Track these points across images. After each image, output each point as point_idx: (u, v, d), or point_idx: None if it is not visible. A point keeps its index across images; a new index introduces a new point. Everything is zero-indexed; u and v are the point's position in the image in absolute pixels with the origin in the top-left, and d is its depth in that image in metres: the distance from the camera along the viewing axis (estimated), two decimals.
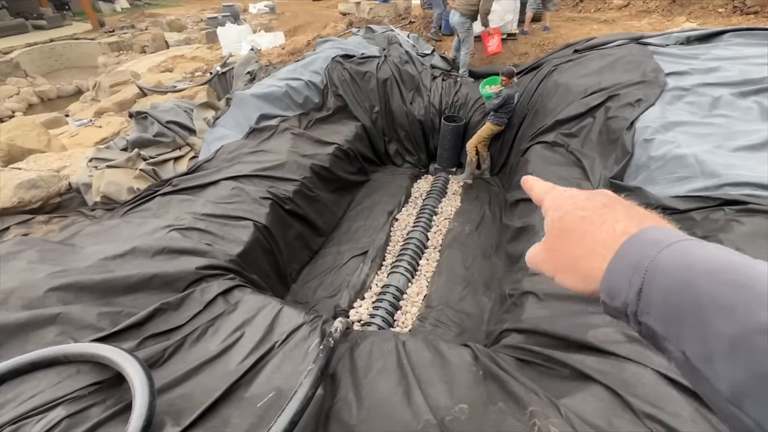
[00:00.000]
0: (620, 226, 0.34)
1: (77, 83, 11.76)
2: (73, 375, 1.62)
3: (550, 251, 0.41)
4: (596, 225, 0.36)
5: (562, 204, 0.42)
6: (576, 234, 0.37)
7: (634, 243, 0.32)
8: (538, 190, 0.49)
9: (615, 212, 0.36)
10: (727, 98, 3.15)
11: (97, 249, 2.48)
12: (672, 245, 0.30)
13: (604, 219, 0.36)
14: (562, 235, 0.39)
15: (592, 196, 0.41)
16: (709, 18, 6.03)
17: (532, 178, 0.53)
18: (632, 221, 0.35)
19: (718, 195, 2.22)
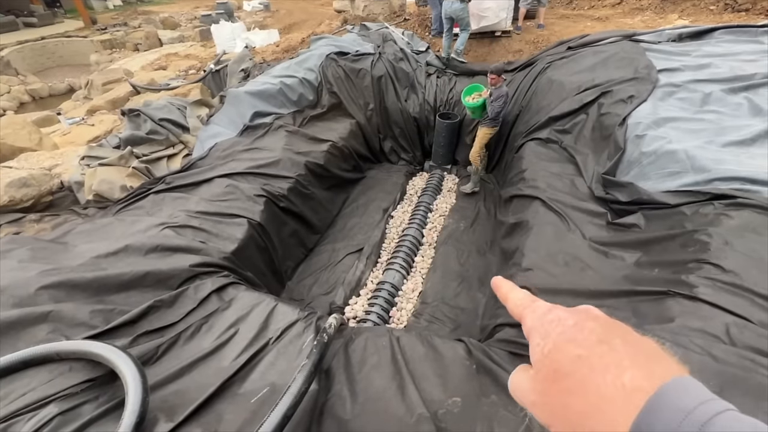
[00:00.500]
0: (628, 378, 0.29)
1: (69, 81, 11.64)
2: (65, 372, 1.61)
3: (543, 396, 0.34)
4: (597, 371, 0.30)
5: (548, 330, 0.36)
6: (574, 381, 0.31)
7: (658, 413, 0.27)
8: (515, 302, 0.42)
9: (614, 352, 0.31)
10: (717, 94, 3.18)
11: (89, 247, 2.46)
12: (711, 422, 0.25)
13: (606, 363, 0.30)
14: (556, 378, 0.33)
15: (581, 322, 0.35)
16: (701, 15, 6.08)
17: (505, 283, 0.46)
18: (639, 369, 0.29)
19: (708, 189, 2.25)
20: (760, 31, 4.06)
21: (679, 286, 1.72)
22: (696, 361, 1.36)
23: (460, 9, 5.12)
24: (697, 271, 1.76)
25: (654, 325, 1.59)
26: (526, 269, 2.59)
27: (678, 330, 1.51)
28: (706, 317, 1.52)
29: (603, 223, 2.75)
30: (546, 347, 0.34)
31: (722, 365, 1.32)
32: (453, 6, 5.11)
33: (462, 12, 5.16)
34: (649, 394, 0.27)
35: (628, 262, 2.27)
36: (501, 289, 0.45)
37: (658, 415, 0.26)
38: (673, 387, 0.27)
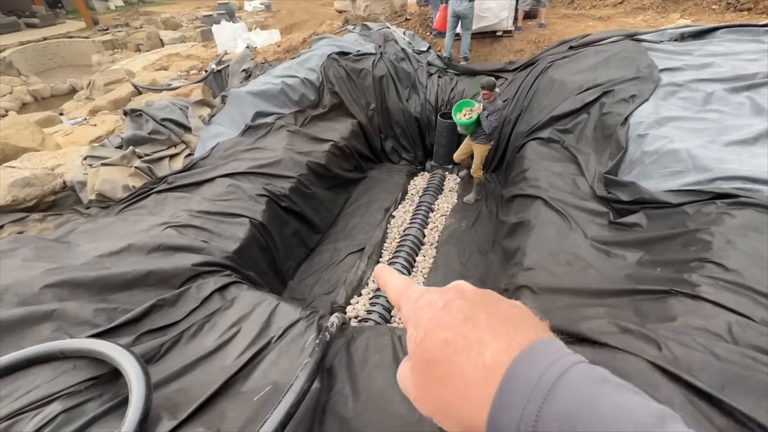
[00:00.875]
0: (489, 354, 0.28)
1: (71, 82, 11.68)
2: (69, 370, 1.62)
3: (421, 389, 0.32)
4: (461, 353, 0.29)
5: (419, 318, 0.34)
6: (443, 367, 0.30)
7: (510, 389, 0.26)
8: (393, 290, 0.40)
9: (478, 328, 0.30)
10: (719, 93, 3.18)
11: (92, 246, 2.47)
12: (555, 391, 0.25)
13: (469, 342, 0.29)
14: (429, 368, 0.31)
15: (449, 301, 0.33)
16: (703, 14, 6.07)
17: (384, 270, 0.43)
18: (499, 342, 0.28)
19: (710, 189, 2.25)
20: (762, 30, 4.06)
21: (681, 285, 1.72)
22: (698, 359, 1.36)
23: (469, 8, 5.23)
24: (699, 270, 1.76)
25: (656, 323, 1.59)
26: (527, 269, 2.59)
27: (680, 329, 1.51)
28: (708, 316, 1.52)
29: (605, 223, 2.75)
30: (418, 337, 0.33)
31: (725, 363, 1.32)
32: (462, 5, 5.21)
33: (469, 11, 5.25)
34: (506, 368, 0.27)
35: (630, 261, 2.27)
36: (380, 277, 0.43)
37: (509, 390, 0.26)
38: (526, 355, 0.27)
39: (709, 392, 1.23)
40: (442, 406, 0.30)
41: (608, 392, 0.25)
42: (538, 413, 0.24)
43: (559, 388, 0.25)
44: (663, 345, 1.43)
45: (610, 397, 0.24)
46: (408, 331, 0.35)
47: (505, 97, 4.89)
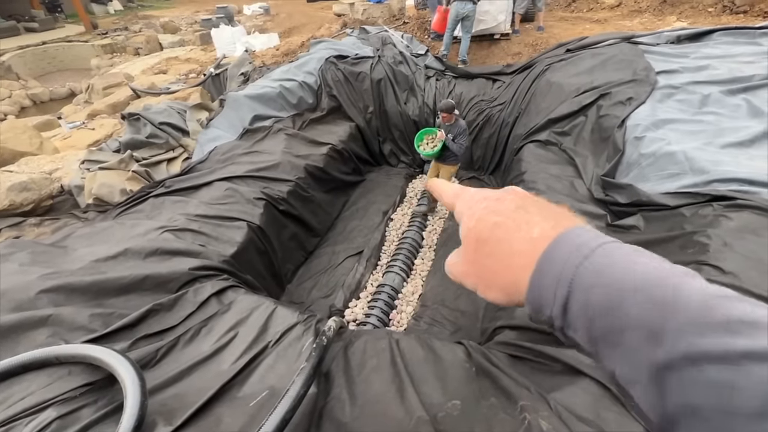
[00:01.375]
0: (537, 230, 0.32)
1: (70, 86, 11.71)
2: (64, 376, 1.61)
3: (469, 264, 0.37)
4: (511, 231, 0.34)
5: (474, 209, 0.38)
6: (492, 244, 0.34)
7: (555, 251, 0.30)
8: (449, 193, 0.45)
9: (529, 214, 0.34)
10: (716, 96, 3.19)
11: (89, 251, 2.47)
12: (594, 252, 0.28)
13: (519, 224, 0.34)
14: (478, 246, 0.36)
15: (503, 195, 0.38)
16: (699, 17, 6.10)
17: (438, 181, 0.50)
18: (548, 222, 0.32)
19: (707, 191, 2.25)
20: (758, 32, 4.08)
21: None
22: None
23: (472, 9, 5.31)
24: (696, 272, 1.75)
25: None
26: None
27: None
28: None
29: (603, 225, 2.75)
30: (471, 222, 0.38)
31: None
32: (466, 7, 5.28)
33: (472, 12, 5.33)
34: (552, 239, 0.31)
35: None
36: (435, 188, 0.49)
37: (553, 253, 0.30)
38: (572, 232, 0.31)
39: None
40: (487, 276, 0.36)
41: (643, 256, 0.28)
42: (577, 267, 0.28)
43: (599, 250, 0.29)
44: None
45: (644, 257, 0.28)
46: (462, 224, 0.40)
47: (503, 100, 4.91)
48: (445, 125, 3.76)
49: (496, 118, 4.90)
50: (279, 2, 18.77)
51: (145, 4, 21.05)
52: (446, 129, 3.74)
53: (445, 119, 3.68)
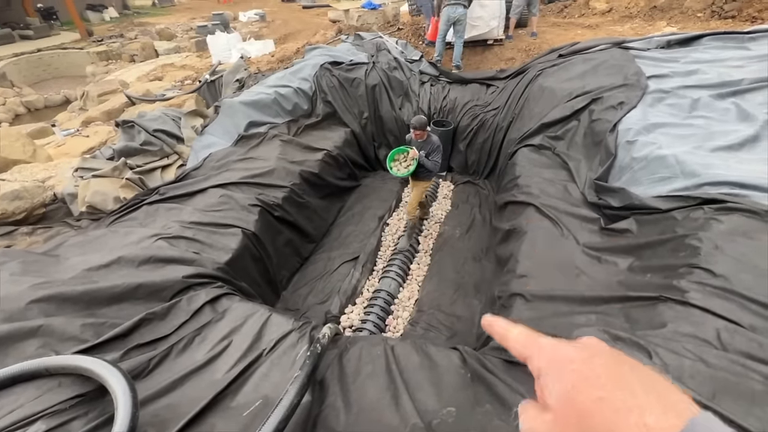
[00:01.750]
0: (651, 419, 0.30)
1: (65, 93, 11.66)
2: (54, 388, 1.59)
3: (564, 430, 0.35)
4: (621, 413, 0.31)
5: (563, 371, 0.36)
6: (597, 421, 0.32)
7: None
8: (518, 341, 0.42)
9: (635, 394, 0.32)
10: (705, 100, 3.23)
11: (81, 260, 2.45)
12: None
13: (628, 405, 0.31)
14: (581, 420, 0.33)
15: (589, 356, 0.36)
16: (688, 22, 6.19)
17: (498, 322, 0.45)
18: (659, 408, 0.30)
19: (698, 194, 2.27)
20: (746, 37, 4.14)
21: (670, 291, 1.73)
22: (688, 367, 1.36)
23: (463, 13, 5.34)
24: (688, 275, 1.76)
25: (647, 330, 1.59)
26: (520, 276, 2.59)
27: (670, 336, 1.51)
28: (697, 322, 1.53)
29: (596, 229, 2.77)
30: (563, 389, 0.35)
31: (714, 370, 1.32)
32: (457, 11, 5.31)
33: (464, 16, 5.36)
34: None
35: (621, 267, 2.28)
36: (496, 329, 0.44)
37: None
38: (698, 423, 0.28)
39: (699, 401, 1.23)
40: None
41: None
42: None
43: None
44: (653, 353, 1.43)
45: None
46: (546, 383, 0.37)
47: (497, 105, 4.95)
48: (417, 142, 3.56)
49: (490, 123, 4.93)
50: (275, 9, 18.90)
51: (141, 12, 21.11)
52: (418, 146, 3.55)
53: (418, 136, 3.48)
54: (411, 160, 3.55)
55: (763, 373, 1.32)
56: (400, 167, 3.63)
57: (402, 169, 3.61)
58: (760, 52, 3.76)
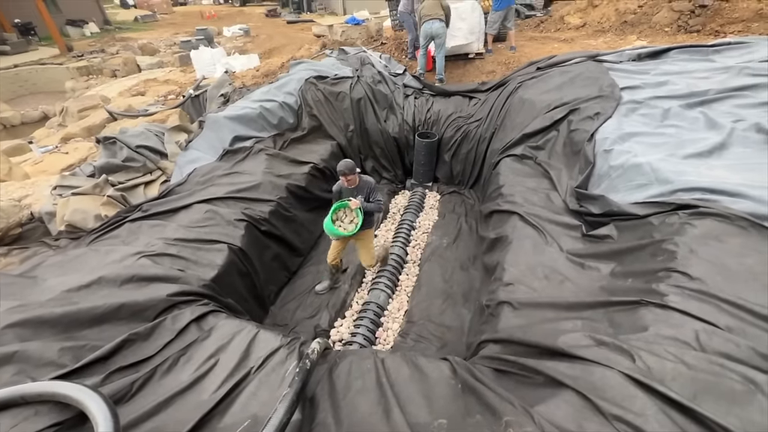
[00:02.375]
0: None
1: (43, 109, 11.39)
2: (30, 417, 1.52)
3: None
4: None
5: None
6: None
7: None
8: None
9: None
10: (675, 110, 3.38)
11: (60, 281, 2.37)
12: None
13: None
14: None
15: None
16: (657, 36, 6.51)
17: None
18: None
19: (673, 200, 2.36)
20: (710, 50, 4.38)
21: (650, 295, 1.78)
22: (670, 369, 1.40)
23: (440, 27, 5.46)
24: (666, 279, 1.82)
25: (629, 334, 1.63)
26: (507, 284, 2.62)
27: (652, 339, 1.56)
28: (676, 325, 1.58)
29: (578, 235, 2.84)
30: None
31: (694, 372, 1.37)
32: (434, 26, 5.43)
33: (442, 30, 5.49)
34: None
35: (603, 272, 2.34)
36: None
37: None
38: None
39: (681, 402, 1.27)
40: None
41: None
42: None
43: None
44: (636, 356, 1.47)
45: None
46: None
47: (479, 116, 5.06)
48: (349, 189, 3.07)
49: (473, 134, 5.04)
50: (259, 24, 19.02)
51: (123, 27, 20.94)
52: (352, 193, 3.10)
53: (350, 182, 2.99)
54: (353, 210, 3.06)
55: (741, 373, 1.36)
56: (345, 225, 3.10)
57: (348, 226, 3.09)
58: (724, 64, 3.98)
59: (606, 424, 1.29)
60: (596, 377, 1.45)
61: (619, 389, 1.37)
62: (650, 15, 7.01)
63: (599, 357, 1.52)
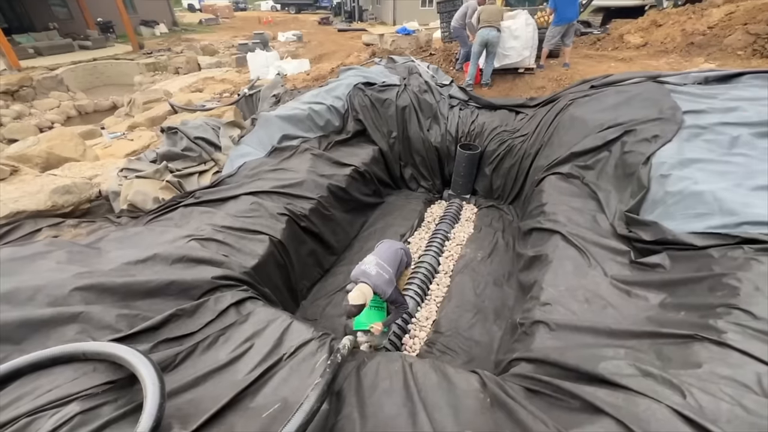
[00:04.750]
0: None
1: (113, 99, 12.50)
2: (89, 372, 1.67)
3: None
4: None
5: None
6: None
7: None
8: None
9: None
10: (745, 138, 3.14)
11: (120, 254, 2.59)
12: None
13: None
14: None
15: None
16: (728, 60, 6.09)
17: None
18: None
19: (738, 233, 2.19)
20: None
21: (706, 330, 1.66)
22: (725, 410, 1.29)
23: (496, 36, 5.60)
24: (725, 316, 1.69)
25: (680, 369, 1.52)
26: (544, 303, 2.54)
27: (706, 377, 1.45)
28: (735, 365, 1.46)
29: (626, 262, 2.70)
30: None
31: (754, 417, 1.26)
32: (491, 33, 5.56)
33: (497, 38, 5.62)
34: None
35: (652, 302, 2.21)
36: None
37: None
38: None
39: None
40: None
41: None
42: None
43: None
44: (687, 392, 1.37)
45: None
46: None
47: (526, 131, 4.96)
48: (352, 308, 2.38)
49: (518, 149, 4.94)
50: (312, 30, 19.84)
51: (189, 29, 22.61)
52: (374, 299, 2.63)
53: (353, 313, 2.39)
54: (378, 331, 2.58)
55: None
56: (376, 329, 2.57)
57: (377, 330, 2.57)
58: None
59: None
60: (640, 409, 1.37)
61: (665, 423, 1.28)
62: (721, 37, 6.57)
63: (644, 388, 1.44)
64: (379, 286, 2.50)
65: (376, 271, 2.57)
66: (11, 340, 1.77)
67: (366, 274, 2.55)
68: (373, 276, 2.53)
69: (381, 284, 2.52)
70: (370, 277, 2.52)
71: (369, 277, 2.52)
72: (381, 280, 2.53)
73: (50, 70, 13.06)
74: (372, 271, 2.57)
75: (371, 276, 2.53)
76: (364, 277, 2.53)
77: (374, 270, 2.58)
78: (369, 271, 2.57)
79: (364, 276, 2.53)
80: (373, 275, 2.53)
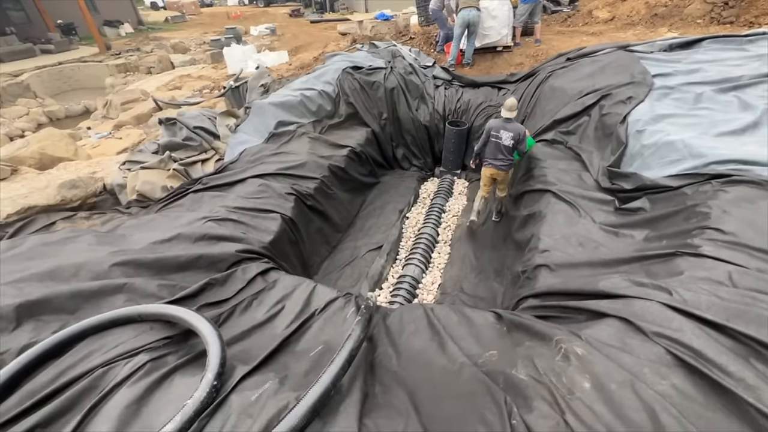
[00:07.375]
0: None
1: (85, 103, 12.09)
2: (147, 331, 1.82)
3: None
4: None
5: None
6: None
7: None
8: None
9: None
10: (708, 94, 3.49)
11: (144, 236, 2.70)
12: None
13: None
14: None
15: None
16: (689, 28, 6.51)
17: None
18: None
19: (706, 171, 2.50)
20: (744, 39, 4.43)
21: (685, 247, 1.95)
22: (704, 300, 1.57)
23: (477, 15, 5.84)
24: (700, 235, 1.99)
25: (666, 279, 1.80)
26: (543, 251, 2.80)
27: (687, 280, 1.73)
28: (710, 268, 1.74)
29: (611, 210, 2.99)
30: None
31: (727, 302, 1.54)
32: (471, 14, 5.80)
33: (478, 18, 5.86)
34: None
35: (637, 239, 2.50)
36: None
37: None
38: None
39: (715, 321, 1.44)
40: None
41: None
42: None
43: None
44: (674, 291, 1.65)
45: None
46: None
47: None
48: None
49: None
50: (283, 23, 19.54)
51: (155, 27, 21.85)
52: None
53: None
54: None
55: None
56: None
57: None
58: (758, 52, 4.04)
59: (647, 340, 1.48)
60: (637, 307, 1.63)
61: (658, 314, 1.55)
62: (682, 7, 7.00)
63: (639, 293, 1.71)
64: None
65: None
66: (65, 310, 1.89)
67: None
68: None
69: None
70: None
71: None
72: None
73: (14, 76, 12.52)
74: None
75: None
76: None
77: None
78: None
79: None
80: None
